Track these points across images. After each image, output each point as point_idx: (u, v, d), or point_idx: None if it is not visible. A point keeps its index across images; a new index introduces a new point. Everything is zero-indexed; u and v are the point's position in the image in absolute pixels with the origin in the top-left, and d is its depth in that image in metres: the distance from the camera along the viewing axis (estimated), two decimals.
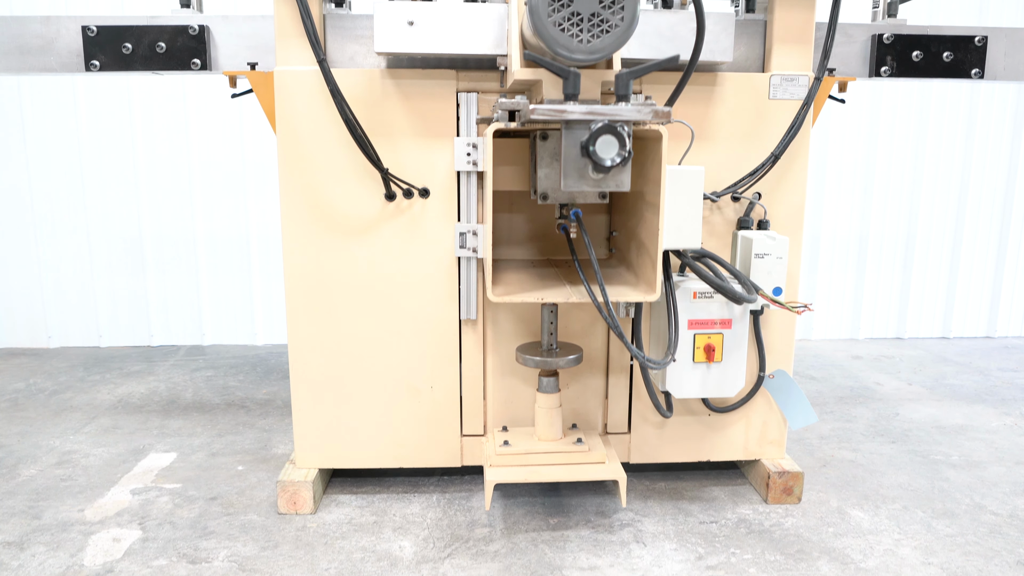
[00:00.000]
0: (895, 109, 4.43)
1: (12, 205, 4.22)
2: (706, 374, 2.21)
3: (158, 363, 4.07)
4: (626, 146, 1.43)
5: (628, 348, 1.88)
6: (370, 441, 2.43)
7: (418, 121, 2.22)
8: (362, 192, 2.25)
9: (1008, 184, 4.60)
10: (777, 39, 2.26)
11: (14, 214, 4.23)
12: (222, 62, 2.28)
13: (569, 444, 2.27)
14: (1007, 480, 2.65)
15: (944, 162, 4.54)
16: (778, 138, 2.29)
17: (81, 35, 2.23)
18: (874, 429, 3.14)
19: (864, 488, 2.58)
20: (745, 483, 2.60)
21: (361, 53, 2.25)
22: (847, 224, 4.57)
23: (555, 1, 1.54)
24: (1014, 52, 2.41)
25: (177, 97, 4.12)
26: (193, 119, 4.16)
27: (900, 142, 4.48)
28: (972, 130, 4.50)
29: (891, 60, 2.35)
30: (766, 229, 2.32)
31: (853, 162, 4.47)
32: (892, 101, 4.42)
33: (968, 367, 4.07)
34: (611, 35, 1.56)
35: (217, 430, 3.09)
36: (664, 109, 1.42)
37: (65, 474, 2.66)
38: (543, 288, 1.85)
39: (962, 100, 4.46)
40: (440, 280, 2.31)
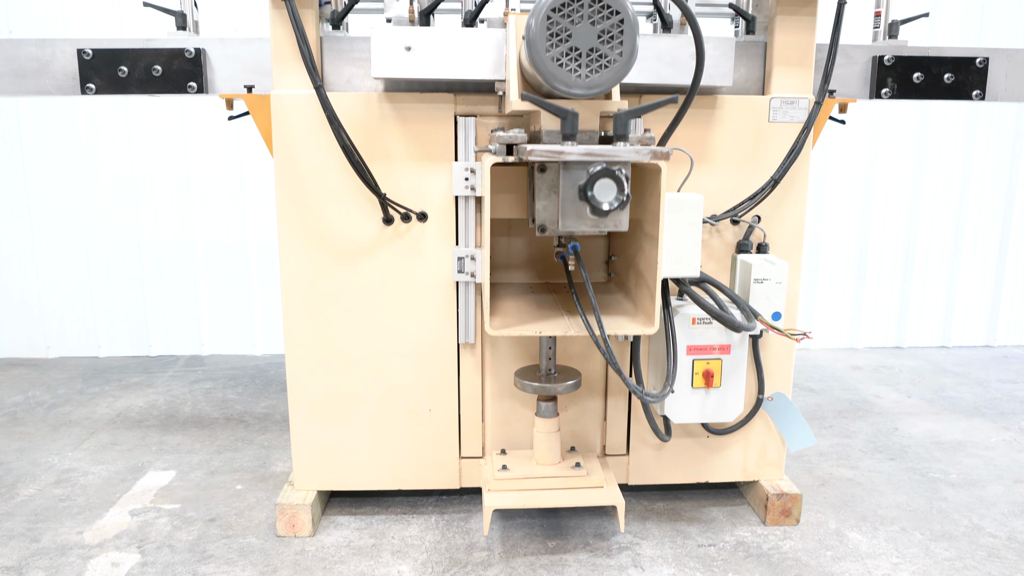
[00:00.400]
0: (895, 118, 4.42)
1: (10, 214, 4.21)
2: (705, 399, 2.21)
3: (157, 374, 4.06)
4: (624, 190, 1.42)
5: (626, 383, 1.88)
6: (368, 463, 2.43)
7: (416, 145, 2.21)
8: (360, 216, 2.24)
9: (1008, 191, 4.59)
10: (777, 61, 2.25)
11: (13, 224, 4.22)
12: (219, 85, 2.27)
13: (567, 468, 2.27)
14: (1005, 500, 2.65)
15: (944, 169, 4.53)
16: (778, 161, 2.29)
17: (76, 58, 2.21)
18: (873, 445, 3.14)
19: (862, 508, 2.58)
20: (744, 503, 2.60)
21: (358, 76, 2.24)
22: (847, 233, 4.56)
23: (553, 36, 1.53)
24: (1015, 73, 2.40)
25: (175, 107, 4.11)
26: (191, 128, 4.14)
27: (900, 148, 4.47)
28: (973, 137, 4.49)
29: (892, 82, 2.34)
30: (765, 252, 2.31)
31: (853, 170, 4.46)
32: (893, 110, 4.40)
33: (967, 378, 4.07)
34: (610, 70, 1.55)
35: (216, 446, 3.08)
36: (663, 150, 1.41)
37: (64, 494, 2.66)
38: (541, 320, 1.85)
39: (963, 110, 4.44)
40: (438, 303, 2.31)
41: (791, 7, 2.21)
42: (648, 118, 2.23)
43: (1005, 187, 4.59)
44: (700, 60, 1.67)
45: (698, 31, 1.66)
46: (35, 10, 3.88)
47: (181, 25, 2.26)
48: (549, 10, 1.51)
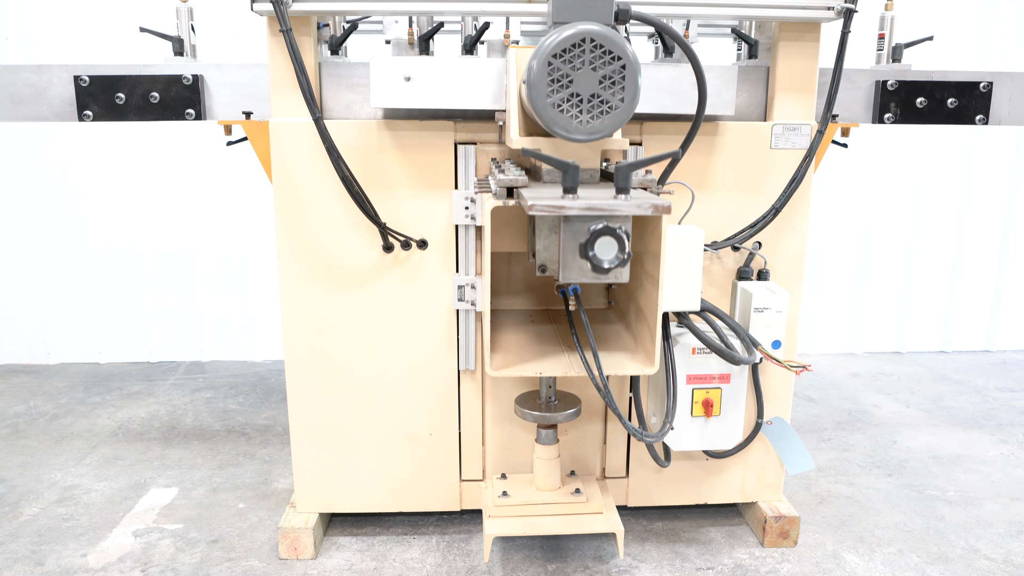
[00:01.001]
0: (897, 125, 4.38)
1: (10, 221, 4.19)
2: (704, 427, 2.22)
3: (158, 382, 4.08)
4: (625, 249, 1.42)
5: (625, 426, 1.89)
6: (370, 486, 2.45)
7: (416, 173, 2.20)
8: (360, 243, 2.24)
9: (1009, 194, 4.57)
10: (780, 87, 2.23)
11: (13, 230, 4.21)
12: (217, 111, 2.26)
13: (567, 494, 2.28)
14: (1002, 519, 2.67)
15: (944, 173, 4.51)
16: (779, 187, 2.28)
17: (73, 85, 2.19)
18: (871, 460, 3.15)
19: (859, 529, 2.60)
20: (742, 522, 2.62)
21: (357, 102, 2.22)
22: (847, 238, 4.55)
23: (554, 82, 1.52)
24: (1019, 97, 2.38)
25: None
26: (190, 134, 4.12)
27: (900, 152, 4.45)
28: (975, 142, 4.47)
29: (895, 107, 2.32)
30: (766, 279, 2.31)
31: (853, 175, 4.44)
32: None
33: (966, 387, 4.08)
34: (611, 116, 1.54)
35: (218, 461, 3.10)
36: (664, 204, 1.40)
37: (67, 513, 2.67)
38: (542, 358, 1.85)
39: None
40: (439, 330, 2.31)
41: (794, 33, 2.19)
42: (658, 146, 2.22)
43: (1006, 190, 4.57)
44: (701, 104, 1.66)
45: (701, 74, 1.65)
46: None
47: (178, 51, 2.24)
48: (550, 56, 1.50)
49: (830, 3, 2.08)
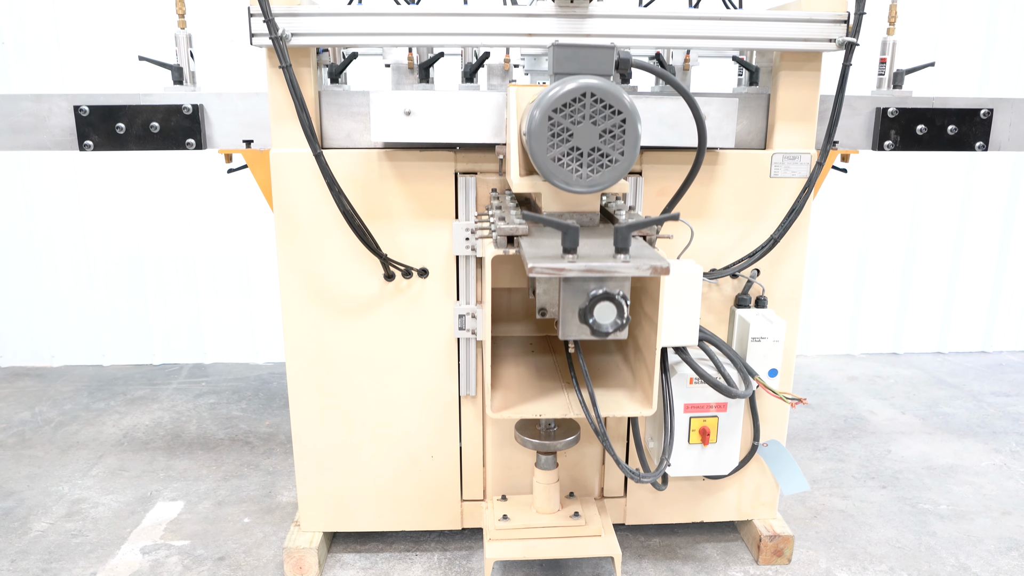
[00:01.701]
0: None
1: (13, 225, 4.20)
2: (700, 454, 2.26)
3: (161, 386, 4.11)
4: (624, 314, 1.44)
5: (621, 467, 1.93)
6: (373, 505, 2.49)
7: (416, 203, 2.21)
8: (361, 271, 2.25)
9: (1009, 196, 4.58)
10: (780, 116, 2.24)
11: (16, 234, 4.21)
12: (217, 140, 2.26)
13: (566, 518, 2.33)
14: (992, 535, 2.72)
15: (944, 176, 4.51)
16: (778, 216, 2.29)
17: (73, 114, 2.19)
18: (866, 470, 3.20)
19: (852, 545, 2.65)
20: (737, 539, 2.67)
21: (358, 130, 2.22)
22: (845, 240, 4.56)
23: (555, 136, 1.52)
24: (1019, 123, 2.38)
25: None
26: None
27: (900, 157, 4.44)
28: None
29: (895, 134, 2.32)
30: (764, 307, 2.33)
31: (853, 178, 4.44)
32: None
33: (961, 391, 4.12)
34: (611, 169, 1.55)
35: (222, 472, 3.15)
36: (663, 265, 1.42)
37: (76, 528, 2.73)
38: (542, 396, 1.88)
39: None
40: (440, 356, 2.34)
41: (795, 62, 2.19)
42: (658, 174, 2.23)
43: (1005, 190, 4.57)
44: (700, 151, 1.67)
45: (701, 123, 1.65)
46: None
47: (178, 79, 2.23)
48: (550, 111, 1.50)
49: (831, 35, 2.08)
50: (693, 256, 2.28)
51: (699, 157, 1.69)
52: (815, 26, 2.07)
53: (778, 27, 2.06)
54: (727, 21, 2.04)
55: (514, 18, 2.00)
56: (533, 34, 2.02)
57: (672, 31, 2.04)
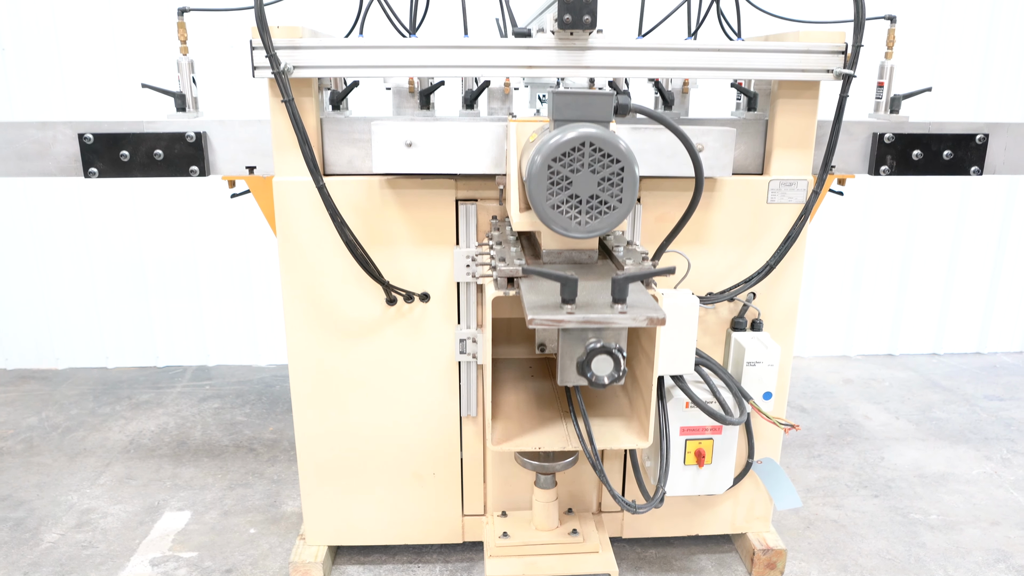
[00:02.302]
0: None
1: (17, 228, 4.22)
2: (696, 475, 2.31)
3: (166, 390, 4.17)
4: (621, 367, 1.48)
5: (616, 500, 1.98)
6: (376, 520, 2.55)
7: (417, 229, 2.24)
8: (363, 296, 2.29)
9: (1007, 199, 4.59)
10: (778, 143, 2.26)
11: (20, 238, 4.24)
12: (220, 166, 2.28)
13: (564, 535, 2.38)
14: (980, 547, 2.78)
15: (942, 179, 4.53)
16: (774, 240, 2.32)
17: (78, 142, 2.22)
18: (858, 479, 3.26)
19: (844, 556, 2.72)
20: (732, 550, 2.74)
21: (359, 156, 2.25)
22: (843, 242, 4.59)
23: (554, 184, 1.55)
24: (1014, 147, 2.40)
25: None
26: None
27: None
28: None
29: (891, 159, 2.35)
30: (759, 330, 2.37)
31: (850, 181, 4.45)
32: None
33: (955, 395, 4.18)
34: (609, 216, 1.58)
35: (228, 480, 3.21)
36: (659, 316, 1.45)
37: (86, 539, 2.79)
38: (541, 426, 1.93)
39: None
40: (441, 377, 2.38)
41: (793, 90, 2.20)
42: (656, 201, 2.26)
43: (1003, 192, 4.59)
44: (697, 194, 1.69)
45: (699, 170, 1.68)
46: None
47: (180, 106, 2.25)
48: (549, 160, 1.53)
49: (829, 66, 2.09)
50: (690, 280, 2.31)
51: (695, 198, 1.71)
52: (813, 57, 2.09)
53: (776, 58, 2.08)
54: (725, 52, 2.06)
55: (514, 50, 2.02)
56: (533, 66, 2.04)
57: (671, 63, 2.06)
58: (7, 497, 3.08)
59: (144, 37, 3.89)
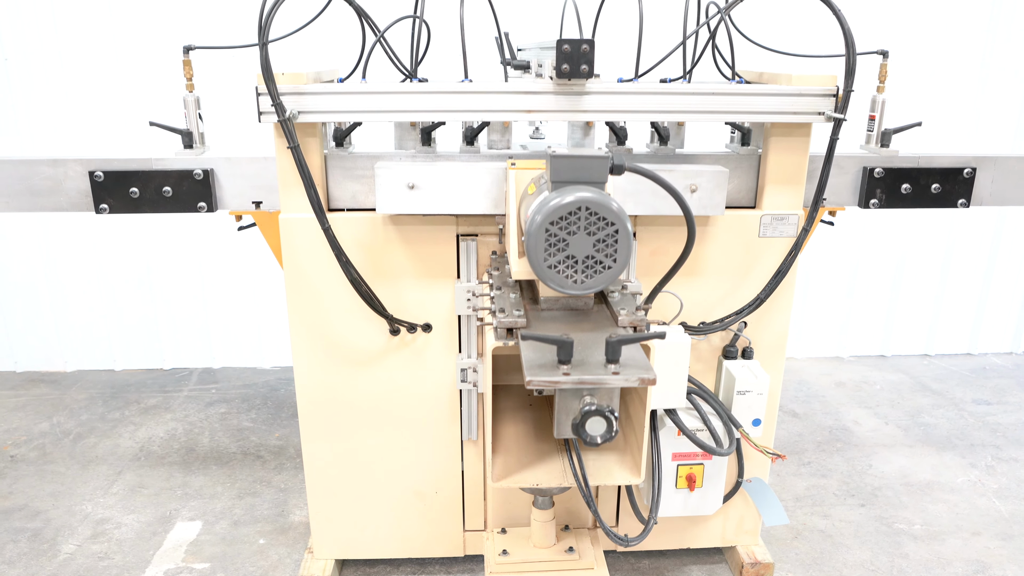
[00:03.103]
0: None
1: (25, 231, 4.29)
2: (687, 497, 2.41)
3: (173, 394, 4.27)
4: (613, 428, 1.56)
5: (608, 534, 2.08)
6: (381, 535, 2.66)
7: (420, 264, 2.31)
8: (368, 326, 2.37)
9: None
10: (770, 179, 2.32)
11: (29, 242, 4.30)
12: (228, 201, 2.34)
13: (561, 552, 2.50)
14: (961, 557, 2.90)
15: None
16: (766, 272, 2.39)
17: (88, 179, 2.28)
18: (846, 487, 3.38)
19: (829, 568, 2.83)
20: (722, 561, 2.86)
21: (362, 191, 2.31)
22: (837, 244, 4.66)
23: (551, 246, 1.62)
24: (1001, 179, 2.46)
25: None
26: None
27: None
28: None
29: (880, 192, 2.41)
30: (750, 358, 2.46)
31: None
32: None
33: (944, 399, 4.28)
34: (604, 275, 1.65)
35: (236, 489, 3.32)
36: (650, 377, 1.54)
37: (102, 551, 2.90)
38: (539, 461, 2.02)
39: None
40: (443, 402, 2.47)
41: (785, 129, 2.26)
42: (651, 236, 2.32)
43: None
44: (689, 243, 1.76)
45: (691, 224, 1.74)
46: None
47: (188, 144, 2.30)
48: (547, 223, 1.60)
49: (821, 108, 2.15)
50: (684, 309, 2.39)
51: (687, 249, 1.78)
52: (804, 100, 2.14)
53: (768, 101, 2.13)
54: (719, 96, 2.11)
55: (514, 95, 2.07)
56: (532, 110, 2.09)
57: (666, 106, 2.11)
58: (24, 507, 3.19)
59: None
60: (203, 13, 3.92)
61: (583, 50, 1.94)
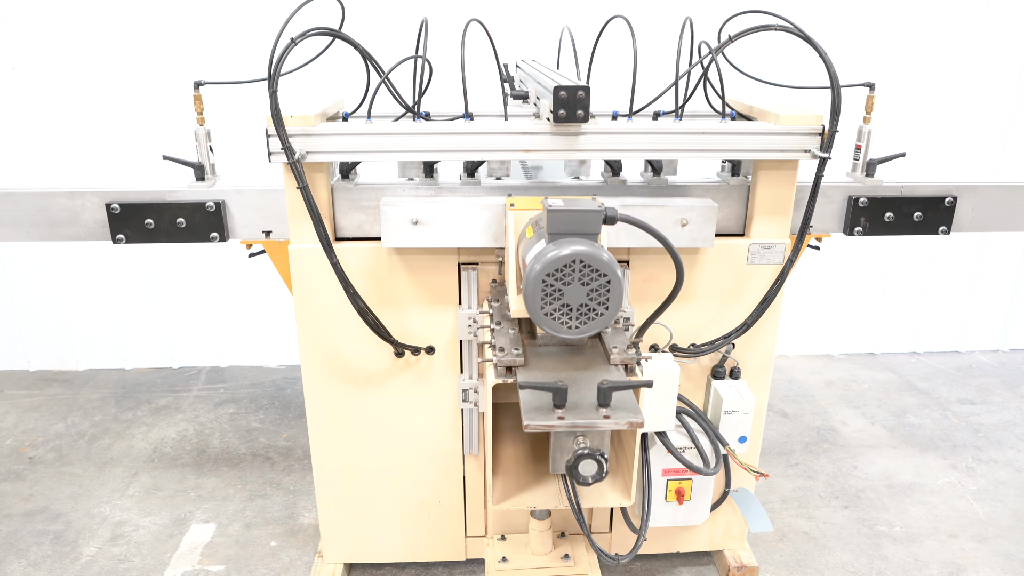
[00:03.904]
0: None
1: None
2: (676, 510, 2.55)
3: (182, 393, 4.40)
4: (604, 469, 1.68)
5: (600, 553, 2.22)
6: (387, 540, 2.81)
7: (423, 291, 2.42)
8: (374, 350, 2.49)
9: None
10: (758, 210, 2.42)
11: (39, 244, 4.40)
12: (239, 231, 2.44)
13: (557, 559, 2.65)
14: (937, 559, 3.06)
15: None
16: (753, 297, 2.50)
17: (105, 211, 2.38)
18: (831, 489, 3.53)
19: (811, 570, 2.99)
20: (710, 563, 3.01)
21: (368, 221, 2.41)
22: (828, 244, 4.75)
23: (547, 296, 1.73)
24: (980, 207, 2.56)
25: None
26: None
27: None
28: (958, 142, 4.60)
29: (864, 220, 2.51)
30: (737, 377, 2.58)
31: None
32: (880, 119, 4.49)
33: (930, 398, 4.42)
34: (596, 321, 1.76)
35: (247, 491, 3.47)
36: (638, 420, 1.66)
37: (122, 553, 3.06)
38: (536, 484, 2.15)
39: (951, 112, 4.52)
40: (445, 419, 2.60)
41: (774, 163, 2.35)
42: (644, 264, 2.43)
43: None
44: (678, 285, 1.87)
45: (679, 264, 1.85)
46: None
47: (200, 176, 2.40)
48: (544, 275, 1.71)
49: (807, 147, 2.24)
50: (675, 332, 2.50)
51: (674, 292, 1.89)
52: (792, 138, 2.23)
53: (757, 140, 2.22)
54: (709, 135, 2.21)
55: (513, 136, 2.16)
56: (530, 150, 2.19)
57: (659, 145, 2.21)
58: (45, 509, 3.34)
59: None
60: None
61: (579, 96, 2.03)
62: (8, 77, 4.02)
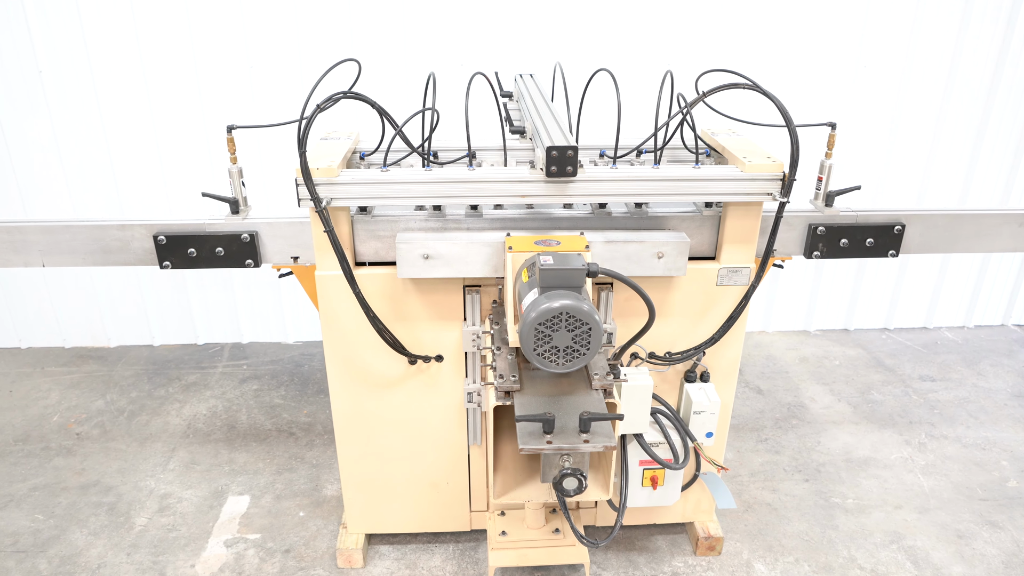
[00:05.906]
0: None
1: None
2: (651, 493, 2.97)
3: (208, 370, 4.80)
4: (583, 485, 2.07)
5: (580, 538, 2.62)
6: (402, 514, 3.25)
7: (432, 309, 2.77)
8: (391, 359, 2.86)
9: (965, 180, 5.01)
10: (727, 239, 2.74)
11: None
12: (271, 257, 2.77)
13: (549, 533, 3.09)
14: (881, 529, 3.51)
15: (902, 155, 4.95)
16: (722, 313, 2.85)
17: (152, 241, 2.70)
18: (795, 463, 3.96)
19: (771, 538, 3.45)
20: (683, 533, 3.46)
21: (383, 248, 2.74)
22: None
23: (539, 340, 2.09)
24: (927, 232, 2.88)
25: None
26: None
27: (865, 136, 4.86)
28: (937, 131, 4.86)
29: (822, 246, 2.84)
30: (707, 380, 2.96)
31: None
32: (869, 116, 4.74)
33: (894, 375, 4.82)
34: (579, 359, 2.12)
35: (275, 465, 3.90)
36: (612, 444, 2.03)
37: (169, 523, 3.51)
38: (530, 482, 2.55)
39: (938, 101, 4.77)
40: (452, 416, 2.99)
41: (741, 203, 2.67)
42: (621, 287, 2.77)
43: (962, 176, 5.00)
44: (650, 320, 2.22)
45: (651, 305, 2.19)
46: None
47: (234, 210, 2.71)
48: (536, 324, 2.06)
49: (770, 190, 2.55)
50: (653, 342, 2.86)
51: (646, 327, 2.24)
52: (757, 183, 2.54)
53: (728, 185, 2.53)
54: (685, 182, 2.51)
55: (511, 183, 2.47)
56: (526, 195, 2.50)
57: (640, 191, 2.52)
58: (97, 483, 3.78)
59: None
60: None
61: (568, 155, 2.33)
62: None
